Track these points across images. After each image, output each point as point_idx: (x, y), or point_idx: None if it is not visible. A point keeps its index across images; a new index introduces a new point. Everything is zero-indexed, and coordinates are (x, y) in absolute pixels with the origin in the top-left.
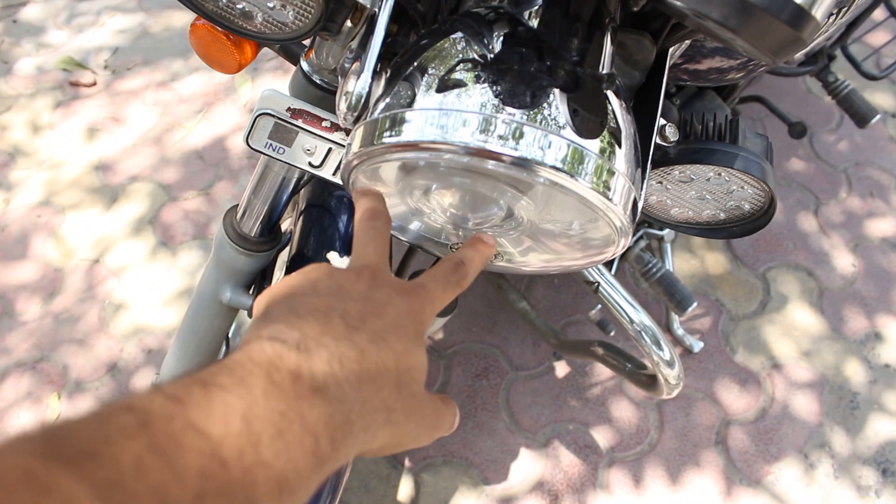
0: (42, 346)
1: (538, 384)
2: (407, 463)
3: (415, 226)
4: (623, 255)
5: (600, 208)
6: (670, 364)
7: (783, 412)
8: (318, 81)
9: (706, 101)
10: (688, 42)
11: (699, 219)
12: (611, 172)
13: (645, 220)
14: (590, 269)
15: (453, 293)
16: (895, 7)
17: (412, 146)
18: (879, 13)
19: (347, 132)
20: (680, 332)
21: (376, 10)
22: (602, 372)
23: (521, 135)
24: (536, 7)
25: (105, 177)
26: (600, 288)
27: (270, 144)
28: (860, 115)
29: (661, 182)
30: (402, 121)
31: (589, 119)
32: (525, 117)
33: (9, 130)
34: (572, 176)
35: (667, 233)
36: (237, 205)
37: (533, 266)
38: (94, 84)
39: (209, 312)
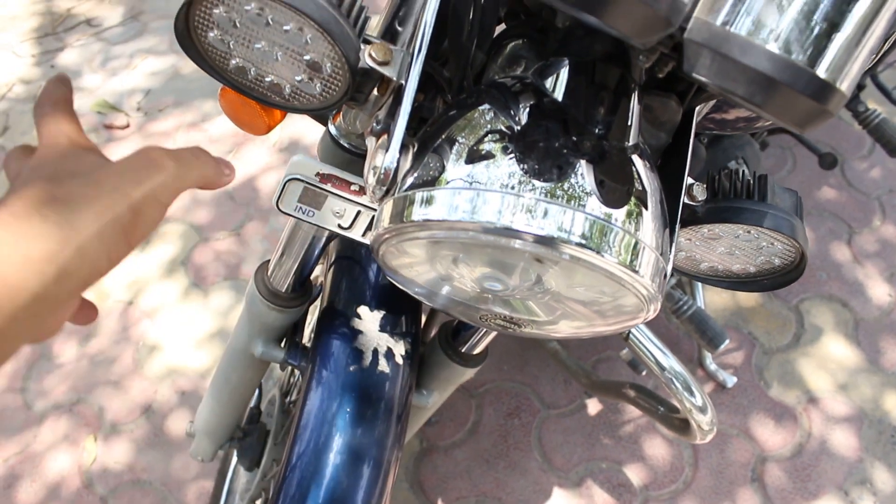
0: (78, 389)
1: (570, 422)
2: (439, 503)
3: (445, 291)
4: None
5: (627, 281)
6: (702, 410)
7: (821, 448)
8: (345, 145)
9: (734, 137)
10: (713, 101)
11: (729, 273)
12: (637, 245)
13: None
14: None
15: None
16: None
17: (439, 225)
18: None
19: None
20: (713, 367)
21: (402, 82)
22: (634, 410)
23: (546, 212)
24: (562, 78)
25: None
26: (631, 334)
27: (300, 208)
28: (892, 144)
29: (689, 239)
30: (431, 198)
31: (615, 189)
32: (549, 194)
33: None
34: (597, 252)
35: None
36: (268, 260)
37: (563, 332)
38: (128, 126)
39: (242, 365)
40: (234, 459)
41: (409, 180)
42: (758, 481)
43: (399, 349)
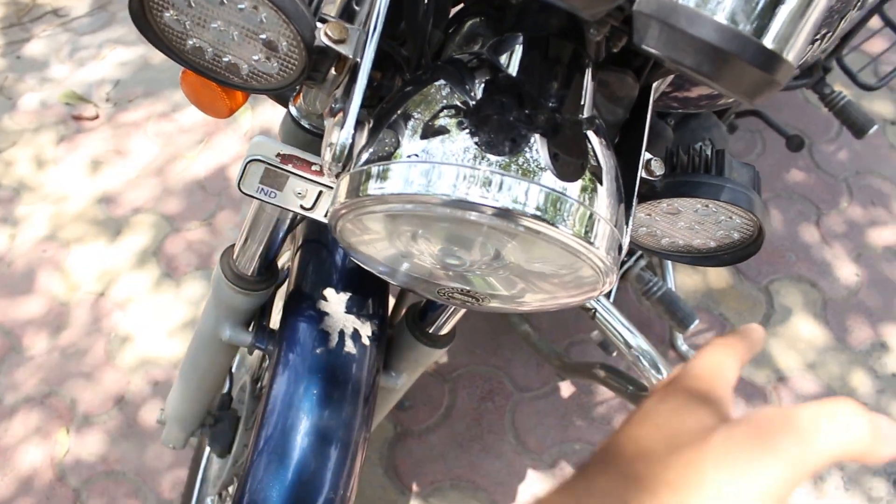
0: (50, 381)
1: (543, 405)
2: (415, 487)
3: (404, 268)
4: (623, 275)
5: (582, 252)
6: None
7: None
8: (306, 126)
9: (701, 118)
10: (670, 77)
11: (690, 248)
12: (591, 217)
13: (634, 250)
14: None
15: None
16: (889, 17)
17: (395, 198)
18: (875, 22)
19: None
20: (684, 347)
21: (358, 59)
22: (607, 391)
23: (501, 185)
24: (516, 53)
25: (109, 209)
26: (597, 314)
27: (262, 189)
28: (857, 126)
29: (649, 214)
30: (386, 172)
31: (569, 162)
32: (504, 167)
33: (13, 166)
34: (552, 224)
35: None
36: (234, 244)
37: (528, 305)
38: (97, 117)
39: (210, 350)
40: (208, 448)
41: (365, 156)
42: None
43: (366, 330)
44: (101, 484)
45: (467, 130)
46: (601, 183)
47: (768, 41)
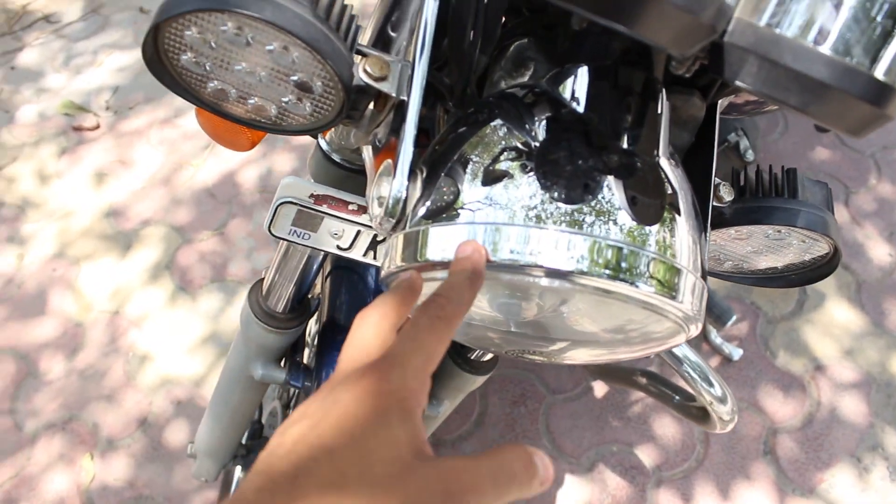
0: (70, 406)
1: (577, 406)
2: None
3: (471, 332)
4: None
5: (666, 309)
6: (722, 400)
7: (831, 416)
8: (339, 161)
9: None
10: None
11: (755, 271)
12: (674, 270)
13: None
14: None
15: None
16: None
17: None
18: None
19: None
20: (718, 340)
21: (403, 97)
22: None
23: (572, 245)
24: (580, 84)
25: (117, 223)
26: None
27: (295, 231)
28: None
29: (715, 241)
30: (446, 235)
31: (648, 205)
32: (575, 223)
33: (16, 182)
34: (632, 283)
35: None
36: (262, 279)
37: (578, 360)
38: (98, 127)
39: (240, 387)
40: (238, 473)
41: (421, 211)
42: (770, 454)
43: None
44: None
45: (533, 177)
46: (679, 216)
47: (880, 73)
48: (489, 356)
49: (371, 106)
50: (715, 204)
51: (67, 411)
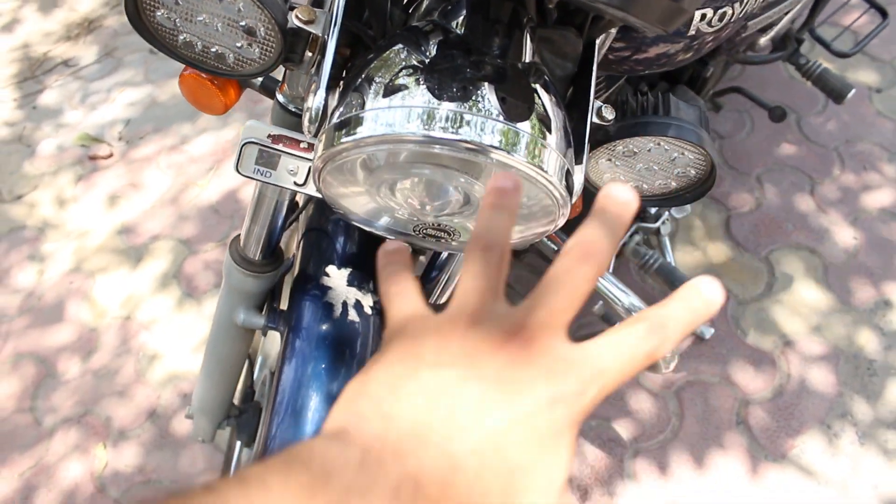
0: (85, 402)
1: None
2: None
3: (384, 221)
4: (621, 251)
5: (538, 181)
6: None
7: (801, 387)
8: (293, 109)
9: (678, 95)
10: (613, 32)
11: (654, 191)
12: (543, 147)
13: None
14: None
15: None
16: None
17: (366, 141)
18: None
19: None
20: None
21: (327, 37)
22: None
23: (461, 121)
24: (463, 17)
25: (128, 239)
26: (598, 282)
27: (258, 170)
28: (836, 91)
29: (609, 160)
30: (357, 121)
31: (516, 104)
32: (462, 107)
33: (36, 207)
34: (508, 153)
35: (662, 226)
36: (240, 234)
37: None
38: (111, 155)
39: (227, 337)
40: (238, 445)
41: (336, 115)
42: (743, 423)
43: (367, 301)
44: (140, 493)
45: (424, 83)
46: (550, 126)
47: None
48: (446, 296)
49: (308, 53)
50: (598, 122)
51: (82, 407)
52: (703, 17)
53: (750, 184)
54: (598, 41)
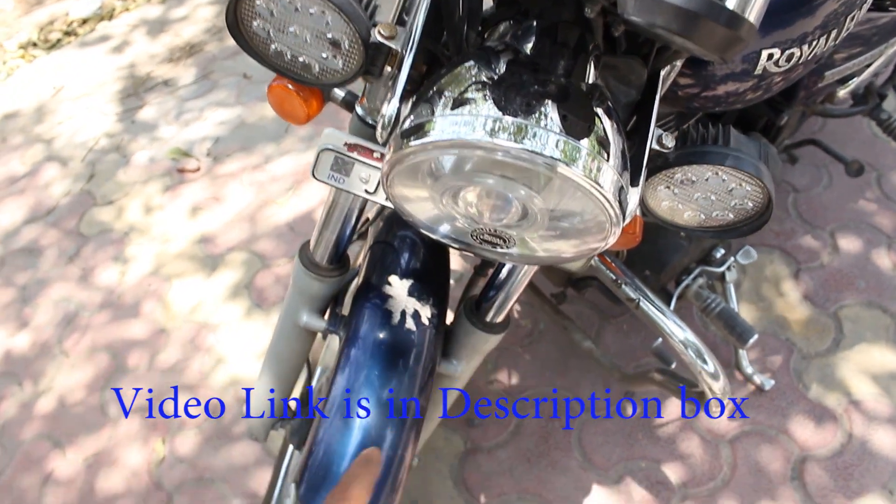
0: (150, 397)
1: (610, 424)
2: (483, 499)
3: (444, 228)
4: (683, 293)
5: (593, 195)
6: (714, 376)
7: (863, 448)
8: (370, 122)
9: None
10: (678, 65)
11: (711, 221)
12: (600, 165)
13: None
14: (626, 287)
15: None
16: None
17: (434, 145)
18: None
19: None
20: (749, 370)
21: (405, 53)
22: (672, 411)
23: (525, 133)
24: (533, 39)
25: (206, 248)
26: (641, 303)
27: (332, 175)
28: None
29: (668, 187)
30: (426, 127)
31: (577, 122)
32: (526, 121)
33: (125, 212)
34: (567, 165)
35: (727, 272)
36: (310, 239)
37: (549, 252)
38: (198, 170)
39: (289, 337)
40: (291, 448)
41: (407, 122)
42: (798, 479)
43: (425, 312)
44: (192, 490)
45: (491, 98)
46: (608, 147)
47: (730, 3)
48: (501, 317)
49: (388, 67)
50: (658, 148)
51: (147, 401)
52: (770, 56)
53: (823, 238)
54: (662, 72)
